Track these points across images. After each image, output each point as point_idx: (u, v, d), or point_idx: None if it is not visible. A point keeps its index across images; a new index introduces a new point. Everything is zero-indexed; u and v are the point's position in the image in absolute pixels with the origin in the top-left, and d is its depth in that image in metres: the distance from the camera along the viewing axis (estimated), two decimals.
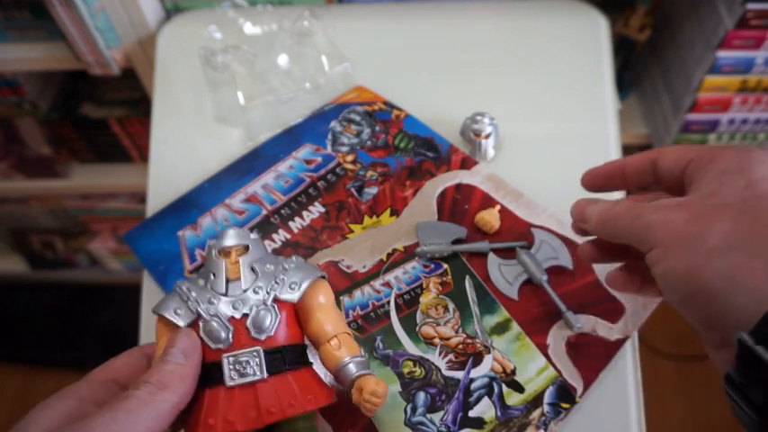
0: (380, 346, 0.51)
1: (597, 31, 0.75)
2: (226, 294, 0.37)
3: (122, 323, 1.00)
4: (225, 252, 0.38)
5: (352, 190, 0.60)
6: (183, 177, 0.63)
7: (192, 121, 0.68)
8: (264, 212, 0.59)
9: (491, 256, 0.55)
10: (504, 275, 0.54)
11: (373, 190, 0.60)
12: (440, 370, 0.50)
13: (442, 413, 0.47)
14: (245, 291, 0.37)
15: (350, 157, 0.63)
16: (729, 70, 0.84)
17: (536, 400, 0.48)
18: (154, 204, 0.62)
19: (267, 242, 0.57)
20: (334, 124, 0.65)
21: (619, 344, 0.51)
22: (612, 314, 0.52)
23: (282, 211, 0.59)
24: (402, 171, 0.62)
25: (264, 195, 0.60)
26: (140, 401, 0.33)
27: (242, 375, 0.35)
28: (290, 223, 0.58)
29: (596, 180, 0.42)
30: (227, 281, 0.37)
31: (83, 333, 1.46)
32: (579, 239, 0.44)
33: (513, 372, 0.49)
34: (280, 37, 0.68)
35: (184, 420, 0.36)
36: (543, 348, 0.50)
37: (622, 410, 0.49)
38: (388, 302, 0.53)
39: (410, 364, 0.50)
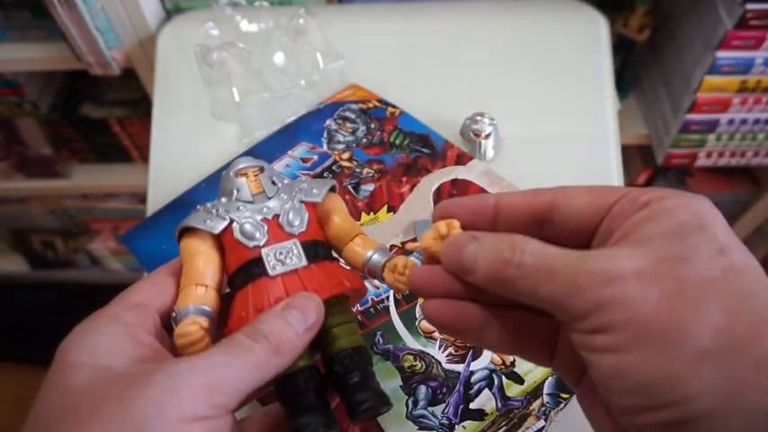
0: (380, 341, 0.51)
1: (597, 31, 0.75)
2: (253, 203, 0.37)
3: None
4: (242, 173, 0.38)
5: (349, 187, 0.61)
6: (184, 177, 0.63)
7: (193, 121, 0.69)
8: None
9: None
10: None
11: (370, 187, 0.60)
12: (440, 363, 0.50)
13: (443, 406, 0.48)
14: (269, 198, 0.38)
15: (346, 155, 0.63)
16: (729, 70, 0.84)
17: (536, 391, 0.48)
18: (154, 204, 0.62)
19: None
20: (329, 122, 0.65)
21: None
22: None
23: None
24: (398, 168, 0.62)
25: None
26: (256, 358, 0.29)
27: (284, 264, 0.35)
28: None
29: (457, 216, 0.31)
30: (252, 194, 0.38)
31: None
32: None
33: (513, 363, 0.50)
34: (275, 34, 0.68)
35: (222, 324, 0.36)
36: None
37: None
38: (387, 298, 0.53)
39: (410, 358, 0.50)
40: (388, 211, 0.59)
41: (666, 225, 0.25)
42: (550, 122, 0.67)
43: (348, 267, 0.39)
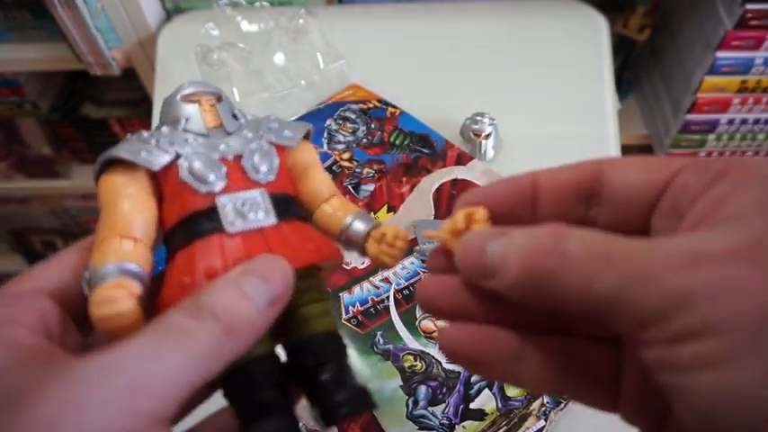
0: (381, 341, 0.51)
1: (597, 31, 0.75)
2: (207, 137, 0.28)
3: None
4: (191, 99, 0.28)
5: (349, 187, 0.61)
6: None
7: None
8: None
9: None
10: None
11: (370, 187, 0.61)
12: (440, 363, 0.50)
13: (443, 406, 0.48)
14: (229, 134, 0.28)
15: (346, 155, 0.63)
16: (729, 71, 0.84)
17: None
18: None
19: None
20: (329, 122, 0.66)
21: None
22: None
23: None
24: (398, 168, 0.62)
25: None
26: (200, 346, 0.21)
27: (246, 219, 0.26)
28: None
29: (484, 203, 0.25)
30: (206, 127, 0.28)
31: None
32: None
33: None
34: (276, 35, 0.68)
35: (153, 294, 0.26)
36: None
37: None
38: (388, 298, 0.53)
39: (411, 358, 0.50)
40: (389, 211, 0.59)
41: (755, 196, 0.18)
42: (550, 122, 0.67)
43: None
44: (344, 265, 0.55)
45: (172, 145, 0.27)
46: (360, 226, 0.30)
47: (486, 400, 0.48)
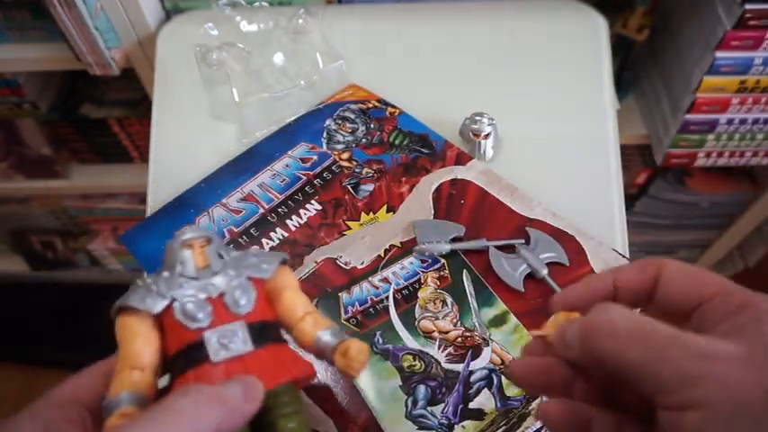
0: (380, 341, 0.51)
1: (596, 31, 0.75)
2: (197, 279, 0.35)
3: None
4: (188, 244, 0.37)
5: (349, 187, 0.61)
6: (184, 177, 0.63)
7: (193, 121, 0.69)
8: (261, 211, 0.59)
9: (492, 249, 0.55)
10: (508, 267, 0.54)
11: (369, 187, 0.61)
12: (439, 363, 0.50)
13: (442, 406, 0.48)
14: (215, 273, 0.36)
15: (345, 155, 0.63)
16: (728, 71, 0.84)
17: None
18: (154, 204, 0.62)
19: (265, 240, 0.57)
20: (329, 122, 0.66)
21: None
22: None
23: (279, 210, 0.59)
24: (397, 167, 0.62)
25: (261, 194, 0.60)
26: (184, 415, 0.28)
27: (228, 349, 0.33)
28: (288, 221, 0.59)
29: (575, 304, 0.32)
30: (196, 269, 0.36)
31: (83, 333, 1.46)
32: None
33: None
34: (275, 34, 0.68)
35: None
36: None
37: None
38: (387, 298, 0.54)
39: (410, 358, 0.50)
40: (388, 211, 0.59)
41: (758, 324, 0.26)
42: (550, 122, 0.67)
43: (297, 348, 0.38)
44: (344, 266, 0.56)
45: (169, 290, 0.34)
46: (327, 340, 0.37)
47: (485, 400, 0.48)
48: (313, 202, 0.60)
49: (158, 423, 0.27)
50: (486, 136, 0.62)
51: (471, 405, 0.48)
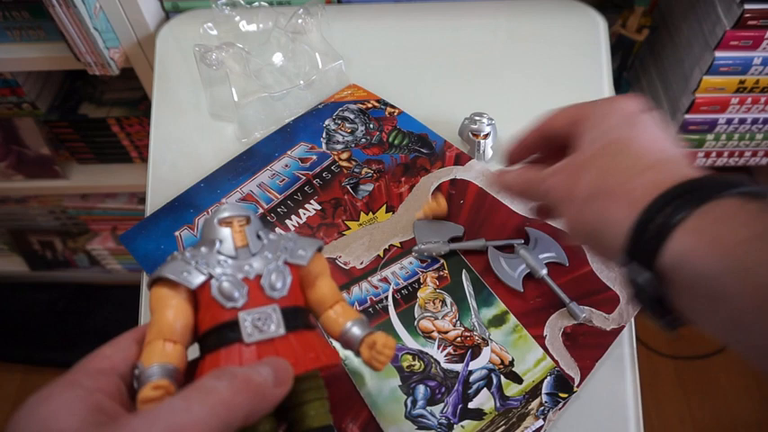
0: None
1: (595, 31, 0.75)
2: (235, 258, 0.36)
3: (122, 323, 1.00)
4: (227, 222, 0.37)
5: (348, 187, 0.61)
6: (183, 177, 0.63)
7: (192, 121, 0.69)
8: (261, 211, 0.59)
9: (491, 249, 0.55)
10: (507, 267, 0.54)
11: (369, 187, 0.61)
12: (439, 363, 0.50)
13: (442, 405, 0.48)
14: (253, 255, 0.36)
15: (345, 155, 0.63)
16: (727, 71, 0.84)
17: (534, 391, 0.48)
18: (153, 204, 0.62)
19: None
20: (328, 122, 0.66)
21: (615, 333, 0.51)
22: (607, 304, 0.53)
23: (279, 210, 0.59)
24: (397, 167, 0.62)
25: (260, 194, 0.60)
26: (220, 397, 0.28)
27: (261, 331, 0.34)
28: (287, 221, 0.59)
29: (524, 152, 0.47)
30: (235, 248, 0.36)
31: (82, 333, 1.46)
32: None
33: (512, 363, 0.50)
34: (274, 34, 0.68)
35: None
36: (540, 339, 0.51)
37: (621, 399, 0.50)
38: (386, 298, 0.54)
39: (409, 357, 0.50)
40: (387, 210, 0.59)
41: (582, 132, 0.39)
42: None
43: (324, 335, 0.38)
44: (343, 265, 0.56)
45: (207, 266, 0.35)
46: (356, 332, 0.38)
47: (484, 400, 0.48)
48: (312, 201, 0.60)
49: (193, 404, 0.28)
50: (486, 136, 0.62)
51: (470, 405, 0.48)
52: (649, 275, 0.32)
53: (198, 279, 0.34)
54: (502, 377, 0.49)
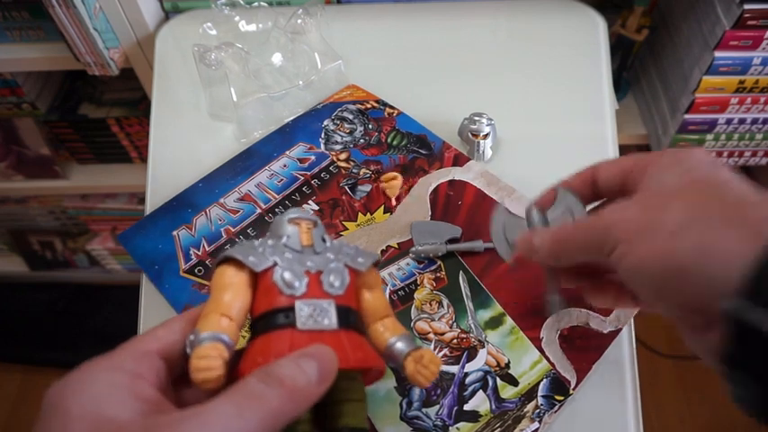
0: None
1: (595, 31, 0.75)
2: (300, 253, 0.37)
3: (122, 323, 1.00)
4: (295, 221, 0.39)
5: (346, 188, 0.61)
6: (183, 177, 0.63)
7: (192, 121, 0.69)
8: (259, 211, 0.59)
9: (501, 207, 0.46)
10: (507, 235, 0.46)
11: (367, 188, 0.61)
12: None
13: (437, 407, 0.48)
14: (316, 253, 0.38)
15: (343, 155, 0.63)
16: (727, 71, 0.84)
17: (530, 393, 0.48)
18: (153, 204, 0.62)
19: (261, 240, 0.57)
20: (327, 123, 0.66)
21: (612, 336, 0.51)
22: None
23: (277, 210, 0.59)
24: (395, 168, 0.62)
25: (258, 194, 0.60)
26: (270, 406, 0.28)
27: (315, 322, 0.35)
28: None
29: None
30: (301, 245, 0.38)
31: (82, 333, 1.47)
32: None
33: (508, 365, 0.50)
34: (274, 35, 0.68)
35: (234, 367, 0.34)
36: (536, 342, 0.51)
37: (619, 401, 0.50)
38: None
39: None
40: (385, 211, 0.59)
41: (652, 174, 0.34)
42: (549, 123, 0.67)
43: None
44: None
45: (273, 255, 0.36)
46: (402, 347, 0.39)
47: (480, 402, 0.48)
48: (310, 202, 0.60)
49: (244, 411, 0.28)
50: (485, 136, 0.62)
51: (466, 407, 0.48)
52: None
53: (263, 264, 0.36)
54: (498, 379, 0.49)
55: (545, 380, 0.49)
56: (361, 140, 0.64)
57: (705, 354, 0.30)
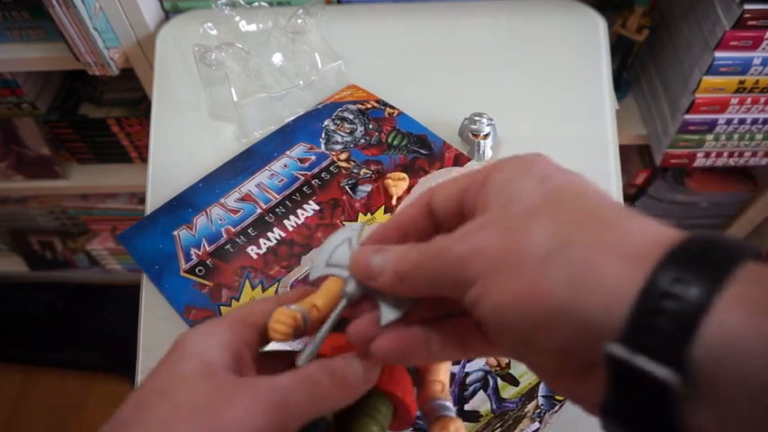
0: None
1: (595, 31, 0.75)
2: None
3: (122, 323, 1.00)
4: None
5: (347, 188, 0.61)
6: (183, 177, 0.63)
7: (192, 121, 0.69)
8: (259, 211, 0.59)
9: (352, 227, 0.47)
10: (332, 258, 0.46)
11: (367, 188, 0.61)
12: None
13: None
14: None
15: (343, 155, 0.63)
16: (727, 71, 0.84)
17: (531, 393, 0.48)
18: (153, 204, 0.62)
19: (262, 240, 0.57)
20: (327, 123, 0.66)
21: None
22: None
23: (277, 210, 0.59)
24: (396, 168, 0.62)
25: (259, 194, 0.60)
26: (320, 387, 0.31)
27: None
28: (285, 221, 0.58)
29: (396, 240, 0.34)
30: None
31: (82, 333, 1.47)
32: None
33: (508, 365, 0.50)
34: (274, 35, 0.68)
35: None
36: None
37: None
38: None
39: None
40: (386, 212, 0.59)
41: (494, 189, 0.28)
42: (549, 122, 0.67)
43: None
44: None
45: None
46: (440, 408, 0.40)
47: (480, 402, 0.48)
48: (311, 202, 0.60)
49: (300, 387, 0.31)
50: (486, 136, 0.62)
51: (467, 407, 0.48)
52: (673, 375, 0.20)
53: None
54: (498, 379, 0.49)
55: None
56: (362, 140, 0.64)
57: (583, 402, 0.26)
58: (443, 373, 0.42)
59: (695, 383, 0.20)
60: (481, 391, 0.48)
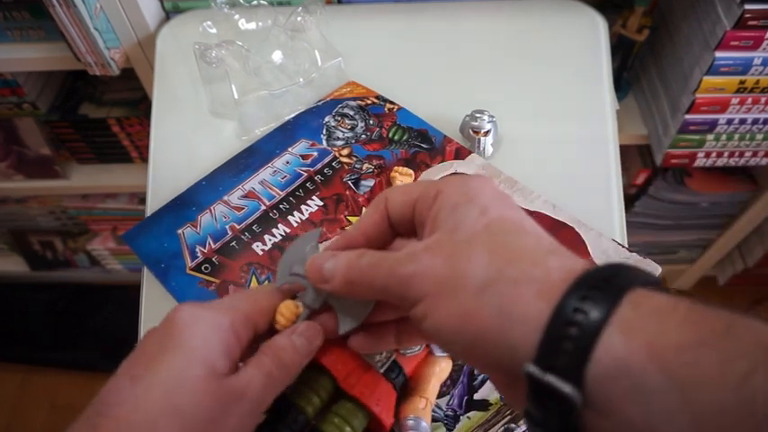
0: None
1: (596, 31, 0.75)
2: None
3: (122, 323, 1.00)
4: None
5: (349, 183, 0.61)
6: (183, 177, 0.63)
7: (192, 121, 0.69)
8: (263, 208, 0.59)
9: (314, 233, 0.47)
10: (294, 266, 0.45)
11: (370, 182, 0.61)
12: None
13: (447, 398, 0.48)
14: None
15: (345, 151, 0.63)
16: (727, 71, 0.84)
17: None
18: (154, 204, 0.62)
19: (267, 237, 0.57)
20: (328, 119, 0.66)
21: None
22: None
23: (281, 206, 0.59)
24: (397, 163, 0.62)
25: (262, 191, 0.60)
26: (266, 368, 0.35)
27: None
28: (290, 217, 0.59)
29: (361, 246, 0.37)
30: None
31: (82, 333, 1.46)
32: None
33: None
34: (274, 32, 0.68)
35: None
36: None
37: None
38: None
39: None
40: None
41: (444, 209, 0.32)
42: (549, 121, 0.67)
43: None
44: None
45: None
46: (414, 425, 0.43)
47: (489, 391, 0.48)
48: (314, 197, 0.60)
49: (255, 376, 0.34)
50: (486, 133, 0.62)
51: (476, 396, 0.48)
52: (574, 390, 0.24)
53: None
54: None
55: None
56: (363, 136, 0.64)
57: (516, 405, 0.32)
58: (431, 390, 0.44)
59: (592, 396, 0.24)
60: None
